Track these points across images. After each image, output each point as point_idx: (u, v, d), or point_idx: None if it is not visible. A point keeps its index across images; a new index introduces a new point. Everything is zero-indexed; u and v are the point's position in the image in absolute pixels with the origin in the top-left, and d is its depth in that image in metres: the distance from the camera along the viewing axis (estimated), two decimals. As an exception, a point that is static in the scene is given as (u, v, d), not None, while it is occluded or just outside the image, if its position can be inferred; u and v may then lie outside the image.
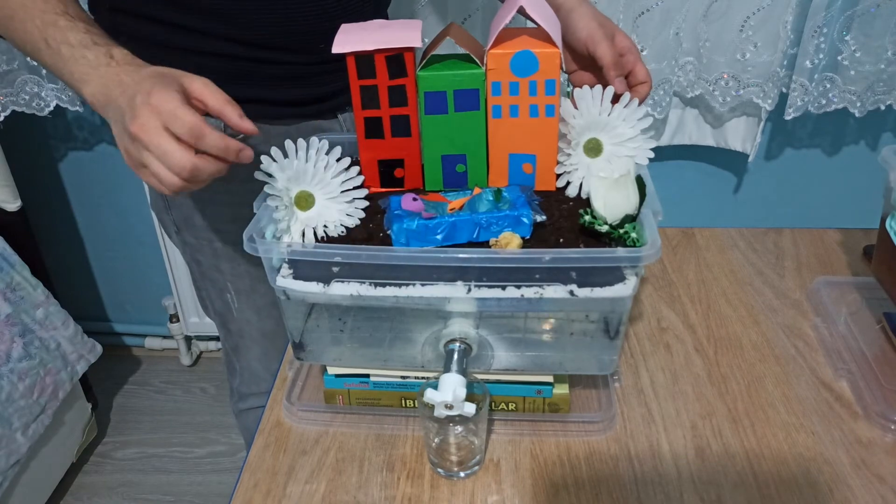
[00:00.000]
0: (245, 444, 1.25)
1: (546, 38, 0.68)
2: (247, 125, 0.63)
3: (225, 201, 0.89)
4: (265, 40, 0.81)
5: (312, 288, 0.67)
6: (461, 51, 0.70)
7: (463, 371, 0.67)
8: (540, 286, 0.65)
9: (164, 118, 0.59)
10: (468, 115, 0.70)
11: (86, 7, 0.83)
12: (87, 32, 0.67)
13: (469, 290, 0.66)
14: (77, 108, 1.46)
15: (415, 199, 0.68)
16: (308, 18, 0.81)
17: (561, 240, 0.67)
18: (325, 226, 0.69)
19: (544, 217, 0.67)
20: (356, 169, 0.71)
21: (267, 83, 0.84)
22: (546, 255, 0.62)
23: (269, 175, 0.66)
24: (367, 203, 0.72)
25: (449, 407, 0.65)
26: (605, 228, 0.65)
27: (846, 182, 1.54)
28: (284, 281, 0.68)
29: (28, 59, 1.37)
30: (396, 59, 0.67)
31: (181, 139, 0.59)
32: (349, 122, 0.92)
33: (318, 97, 0.88)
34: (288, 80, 0.85)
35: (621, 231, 0.65)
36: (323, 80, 0.87)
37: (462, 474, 0.71)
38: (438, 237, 0.66)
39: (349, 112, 0.92)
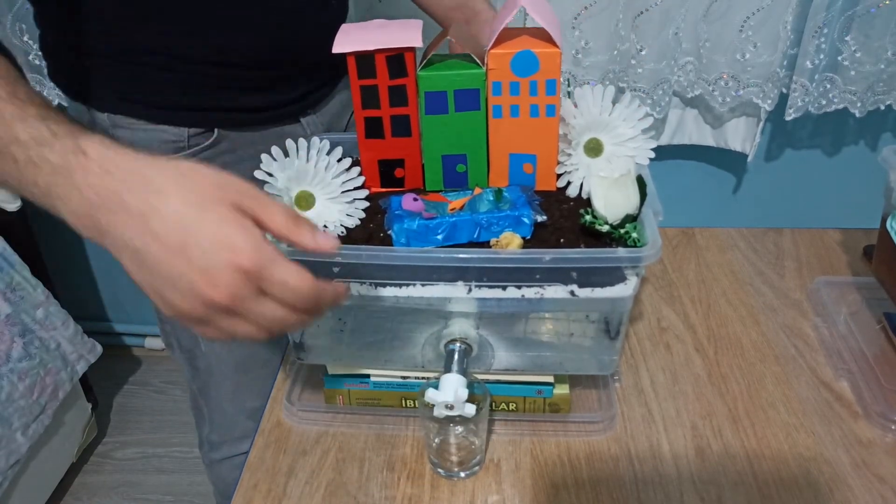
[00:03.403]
0: (218, 496, 1.09)
1: (546, 38, 0.68)
2: (326, 243, 0.50)
3: None
4: (225, 59, 0.78)
5: (313, 288, 0.67)
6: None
7: (463, 371, 0.67)
8: (540, 286, 0.65)
9: (265, 285, 0.46)
10: (469, 115, 0.70)
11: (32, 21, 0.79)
12: (42, 119, 0.48)
13: (469, 290, 0.66)
14: (77, 107, 1.46)
15: (415, 200, 0.68)
16: (275, 42, 0.79)
17: (561, 240, 0.67)
18: (325, 226, 0.69)
19: (545, 217, 0.67)
20: (357, 169, 0.71)
21: (228, 93, 0.82)
22: (546, 256, 0.62)
23: (270, 174, 0.66)
24: (367, 203, 0.72)
25: (449, 407, 0.65)
26: (605, 228, 0.65)
27: (846, 182, 1.53)
28: (285, 281, 0.68)
29: (29, 57, 1.37)
30: (397, 59, 0.67)
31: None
32: (312, 125, 0.90)
33: (276, 104, 0.86)
34: (249, 90, 0.83)
35: (622, 231, 0.65)
36: (279, 89, 0.85)
37: (462, 474, 0.71)
38: (439, 237, 0.66)
39: (311, 115, 0.90)
